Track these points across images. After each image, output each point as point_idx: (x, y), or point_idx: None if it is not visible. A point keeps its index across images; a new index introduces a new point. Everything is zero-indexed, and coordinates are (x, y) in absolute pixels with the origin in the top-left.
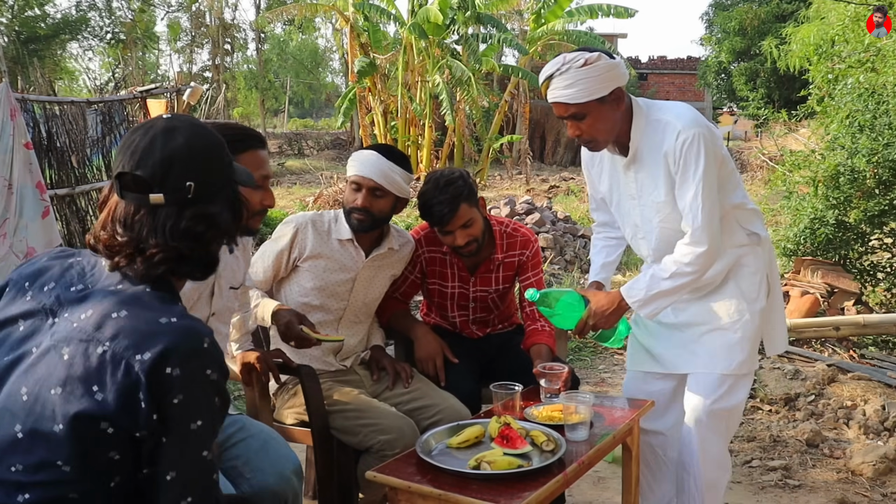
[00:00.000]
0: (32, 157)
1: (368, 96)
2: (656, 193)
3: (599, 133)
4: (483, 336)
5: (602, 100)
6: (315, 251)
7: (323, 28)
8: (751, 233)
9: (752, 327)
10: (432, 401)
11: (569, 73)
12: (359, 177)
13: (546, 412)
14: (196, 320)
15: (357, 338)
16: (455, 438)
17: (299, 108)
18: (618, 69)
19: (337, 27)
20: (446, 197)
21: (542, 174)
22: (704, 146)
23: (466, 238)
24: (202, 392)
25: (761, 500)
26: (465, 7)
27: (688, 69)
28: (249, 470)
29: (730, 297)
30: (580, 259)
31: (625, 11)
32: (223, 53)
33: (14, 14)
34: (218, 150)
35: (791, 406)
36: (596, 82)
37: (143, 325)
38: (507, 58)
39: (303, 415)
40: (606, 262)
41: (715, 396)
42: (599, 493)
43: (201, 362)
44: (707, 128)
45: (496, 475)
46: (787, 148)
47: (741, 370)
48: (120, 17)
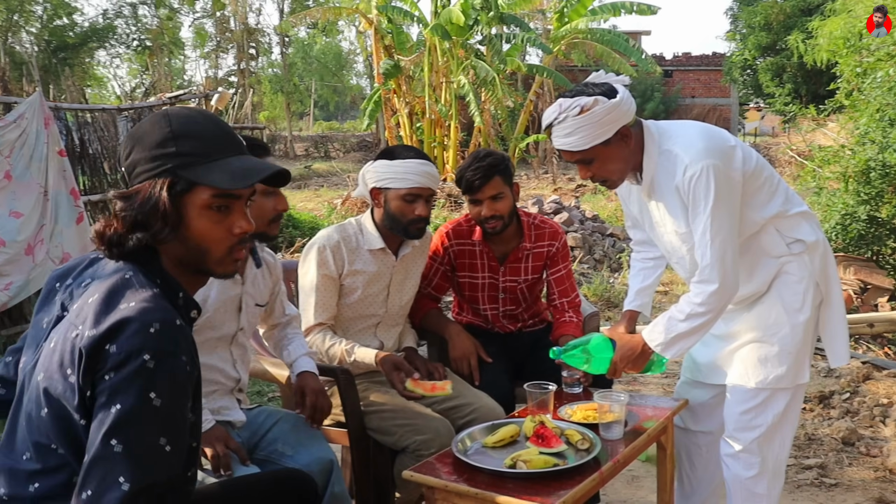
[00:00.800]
0: (66, 164)
1: (394, 98)
2: (677, 224)
3: (611, 173)
4: (515, 333)
5: (607, 142)
6: (351, 267)
7: (346, 31)
8: (794, 241)
9: (794, 340)
10: (466, 400)
11: (566, 123)
12: (418, 188)
13: (581, 411)
14: (158, 305)
15: (392, 339)
16: (490, 438)
17: (324, 110)
18: (618, 110)
19: (360, 30)
20: (483, 165)
21: (568, 173)
22: (714, 179)
23: (493, 211)
24: (132, 375)
25: (797, 499)
26: (488, 7)
27: (713, 65)
28: (290, 447)
29: (770, 307)
30: (609, 258)
31: (648, 8)
32: (248, 58)
33: (43, 24)
34: (155, 138)
35: (826, 404)
36: (596, 128)
37: (104, 307)
38: (531, 57)
39: (339, 416)
40: (642, 288)
41: (745, 408)
42: (634, 492)
43: (141, 345)
44: (719, 156)
45: (532, 474)
46: (816, 143)
47: (778, 384)
48: (146, 25)
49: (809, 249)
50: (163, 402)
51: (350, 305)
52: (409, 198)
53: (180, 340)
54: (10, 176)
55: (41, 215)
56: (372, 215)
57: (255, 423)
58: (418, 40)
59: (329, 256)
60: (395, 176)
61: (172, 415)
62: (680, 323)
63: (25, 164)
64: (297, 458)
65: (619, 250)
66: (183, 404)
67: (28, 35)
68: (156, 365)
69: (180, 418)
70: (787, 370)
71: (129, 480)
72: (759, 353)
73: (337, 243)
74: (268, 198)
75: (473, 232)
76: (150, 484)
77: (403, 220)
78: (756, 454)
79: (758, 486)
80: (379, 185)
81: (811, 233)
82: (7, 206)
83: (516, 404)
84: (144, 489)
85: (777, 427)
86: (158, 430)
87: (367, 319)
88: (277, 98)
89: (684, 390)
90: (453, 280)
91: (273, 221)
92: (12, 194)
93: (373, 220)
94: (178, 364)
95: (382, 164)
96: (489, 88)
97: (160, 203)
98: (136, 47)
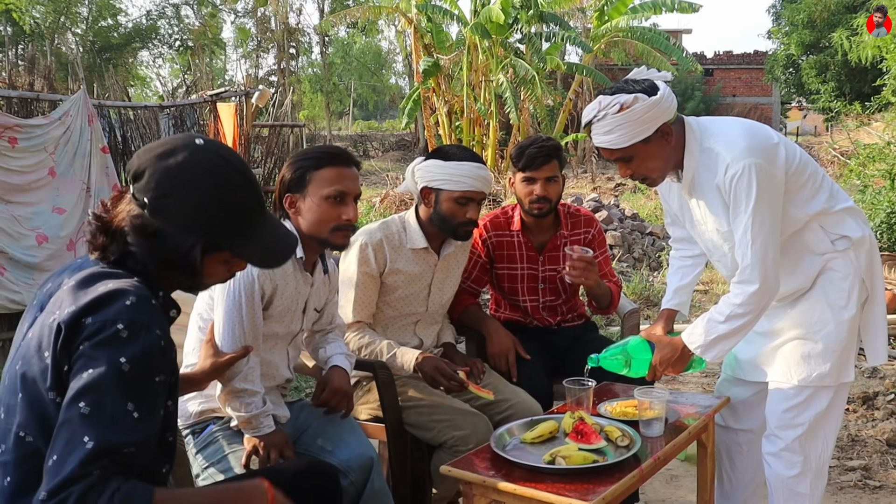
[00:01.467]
0: (109, 161)
1: (433, 97)
2: (718, 223)
3: (651, 171)
4: (554, 329)
5: (647, 140)
6: (393, 266)
7: (386, 31)
8: (839, 237)
9: (838, 338)
10: (504, 396)
11: (605, 120)
12: (472, 192)
13: (620, 408)
14: (135, 286)
15: (432, 336)
16: (529, 434)
17: (363, 110)
18: (658, 107)
19: (399, 29)
20: (547, 145)
21: (607, 173)
22: (757, 177)
23: (545, 192)
24: (104, 342)
25: (840, 500)
26: (528, 6)
27: (754, 64)
28: (330, 443)
29: (814, 304)
30: (648, 256)
31: (689, 6)
32: (288, 57)
33: (88, 25)
34: (197, 199)
35: (869, 405)
36: (635, 125)
37: (83, 287)
38: (571, 56)
39: (377, 411)
40: (680, 286)
41: (787, 406)
42: (672, 492)
43: (116, 315)
44: (762, 154)
45: (571, 470)
46: (861, 141)
47: (822, 382)
48: (188, 25)
49: (855, 246)
50: (132, 368)
51: (390, 304)
52: (462, 201)
53: (155, 315)
54: (53, 172)
55: (83, 211)
56: (416, 213)
57: (298, 419)
58: (458, 39)
59: (371, 254)
60: (450, 178)
61: (142, 383)
62: (720, 325)
63: (69, 160)
64: (338, 454)
65: (659, 249)
66: (152, 376)
67: (73, 36)
68: (129, 335)
69: (150, 389)
70: (830, 368)
71: (94, 439)
72: (802, 350)
73: (380, 241)
74: (333, 205)
75: (511, 223)
76: (116, 444)
77: (453, 222)
78: (798, 453)
79: (800, 486)
80: (431, 184)
81: (857, 229)
82: (50, 203)
83: (554, 401)
84: (109, 449)
85: (820, 425)
86: (126, 395)
87: (407, 318)
88: (317, 97)
89: (725, 388)
90: (491, 273)
91: (336, 230)
92: (55, 191)
93: (417, 217)
94: (152, 337)
95: (436, 165)
96: (529, 87)
97: (189, 260)
98: (178, 47)
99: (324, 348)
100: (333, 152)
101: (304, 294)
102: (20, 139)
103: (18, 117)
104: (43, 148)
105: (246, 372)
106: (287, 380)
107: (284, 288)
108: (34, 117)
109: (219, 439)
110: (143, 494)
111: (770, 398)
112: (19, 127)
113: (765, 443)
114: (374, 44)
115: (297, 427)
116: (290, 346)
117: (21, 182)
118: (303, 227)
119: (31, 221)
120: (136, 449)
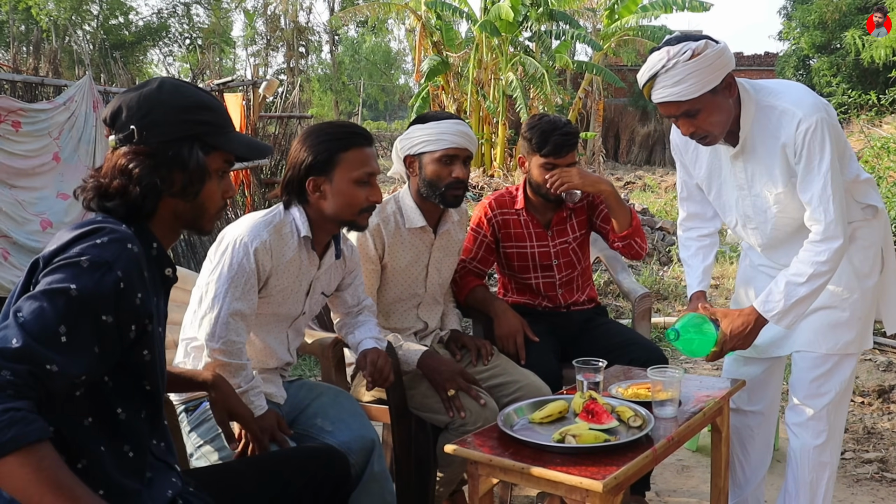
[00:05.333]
0: None
1: (441, 95)
2: (772, 185)
3: (715, 126)
4: (564, 312)
5: (714, 90)
6: (392, 249)
7: (395, 30)
8: (866, 206)
9: (864, 305)
10: (512, 377)
11: (676, 69)
12: (455, 148)
13: (632, 389)
14: (120, 232)
15: (435, 318)
16: (538, 413)
17: (373, 110)
18: (726, 53)
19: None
20: (571, 132)
21: (616, 173)
22: (829, 133)
23: None
24: (63, 265)
25: (856, 492)
26: (538, 4)
27: (765, 65)
28: (330, 423)
29: (840, 273)
30: (658, 251)
31: (700, 5)
32: (297, 56)
33: (99, 23)
34: (180, 104)
35: (885, 398)
36: (707, 73)
37: (68, 231)
38: (580, 55)
39: (380, 392)
40: (707, 266)
41: (815, 375)
42: (684, 481)
43: (82, 251)
44: (827, 110)
45: (582, 449)
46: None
47: (847, 350)
48: (198, 24)
49: (879, 215)
50: (79, 296)
51: (390, 288)
52: (445, 160)
53: (122, 257)
54: (58, 157)
55: None
56: (409, 191)
57: (296, 397)
58: (467, 37)
59: (369, 240)
60: (429, 139)
61: (83, 314)
62: (800, 287)
63: (74, 146)
64: (338, 435)
65: (669, 244)
66: (98, 313)
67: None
68: (88, 267)
69: (89, 323)
70: (855, 336)
71: (20, 341)
72: (830, 318)
73: (377, 226)
74: (361, 187)
75: (515, 201)
76: (39, 355)
77: (440, 185)
78: (825, 421)
79: (824, 455)
80: (413, 151)
81: (878, 199)
82: (55, 188)
83: (563, 386)
84: (31, 356)
85: (844, 393)
86: (62, 318)
87: (408, 301)
88: (326, 96)
89: (734, 368)
90: (498, 252)
91: (364, 212)
92: (60, 176)
93: (410, 195)
94: (110, 275)
95: (415, 129)
96: (538, 85)
97: (191, 163)
98: (188, 46)
99: (353, 334)
100: (357, 131)
101: (308, 275)
102: (24, 123)
103: (23, 101)
104: (47, 133)
105: (231, 348)
106: (287, 363)
107: (286, 267)
108: (38, 102)
109: (212, 417)
110: (32, 431)
111: (795, 368)
112: (23, 111)
113: (789, 414)
114: (384, 44)
115: (295, 405)
116: (290, 329)
117: (25, 166)
118: (328, 211)
119: (36, 206)
120: (59, 369)
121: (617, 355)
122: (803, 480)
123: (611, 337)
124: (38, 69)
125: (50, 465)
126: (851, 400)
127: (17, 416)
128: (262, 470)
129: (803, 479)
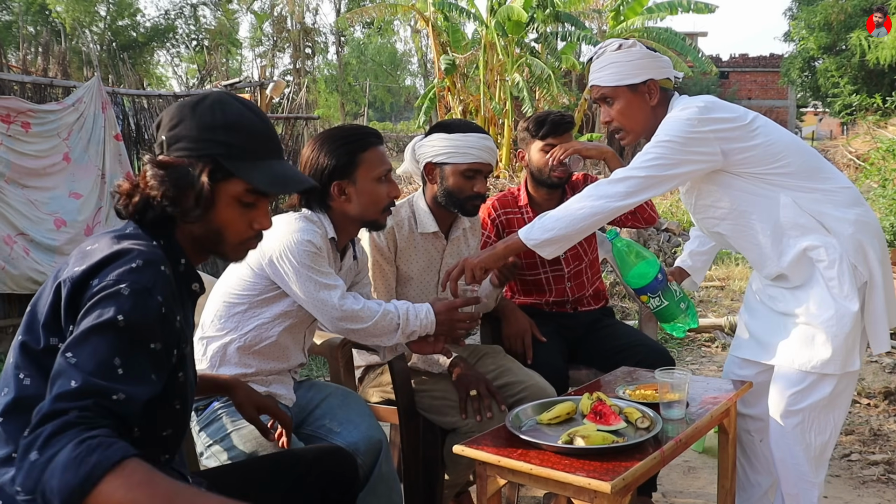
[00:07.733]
0: (122, 149)
1: (448, 96)
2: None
3: (627, 123)
4: (571, 313)
5: (633, 87)
6: (404, 254)
7: (401, 31)
8: (813, 220)
9: (839, 324)
10: (518, 378)
11: (604, 56)
12: (479, 164)
13: (640, 390)
14: (149, 250)
15: None
16: (546, 414)
17: (379, 111)
18: (655, 61)
19: (416, 28)
20: (565, 114)
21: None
22: (690, 123)
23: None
24: (104, 298)
25: (862, 494)
26: (545, 5)
27: (770, 67)
28: (338, 424)
29: (814, 291)
30: (664, 252)
31: (705, 7)
32: (304, 57)
33: (107, 24)
34: (206, 121)
35: (891, 400)
36: (627, 67)
37: (93, 245)
38: (586, 56)
39: (389, 393)
40: (695, 251)
41: (790, 391)
42: (690, 483)
43: (119, 277)
44: (704, 108)
45: (590, 450)
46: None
47: (824, 369)
48: (204, 25)
49: (836, 232)
50: (126, 325)
51: (405, 294)
52: (468, 173)
53: (159, 281)
54: (68, 158)
55: (98, 197)
56: (424, 195)
57: (304, 398)
58: (473, 38)
59: (382, 240)
60: (455, 150)
61: (134, 344)
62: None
63: (83, 147)
64: (345, 436)
65: (675, 245)
66: (147, 341)
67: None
68: (129, 294)
69: (141, 353)
70: (833, 355)
71: (79, 380)
72: (804, 334)
73: (391, 229)
74: (382, 184)
75: (518, 199)
76: (103, 388)
77: (461, 197)
78: (798, 441)
79: (804, 471)
80: (435, 159)
81: (837, 213)
82: (66, 188)
83: (570, 387)
84: (94, 391)
85: (821, 414)
86: (114, 349)
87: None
88: (332, 97)
89: (732, 369)
90: None
91: (385, 210)
92: (71, 176)
93: (425, 199)
94: (152, 301)
95: (439, 138)
96: (544, 86)
97: (198, 185)
98: (194, 47)
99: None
100: (369, 132)
101: None
102: (33, 124)
103: (32, 102)
104: (56, 133)
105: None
106: (300, 364)
107: None
108: (47, 103)
109: (222, 417)
110: (113, 452)
111: (773, 382)
112: (32, 112)
113: (770, 426)
114: (390, 45)
115: (304, 407)
116: (307, 330)
117: (36, 166)
118: (353, 212)
119: (49, 206)
120: (125, 396)
121: (624, 356)
122: (788, 493)
123: (618, 338)
124: (48, 70)
125: (141, 480)
126: (857, 402)
127: (93, 444)
128: (272, 470)
129: (788, 491)
